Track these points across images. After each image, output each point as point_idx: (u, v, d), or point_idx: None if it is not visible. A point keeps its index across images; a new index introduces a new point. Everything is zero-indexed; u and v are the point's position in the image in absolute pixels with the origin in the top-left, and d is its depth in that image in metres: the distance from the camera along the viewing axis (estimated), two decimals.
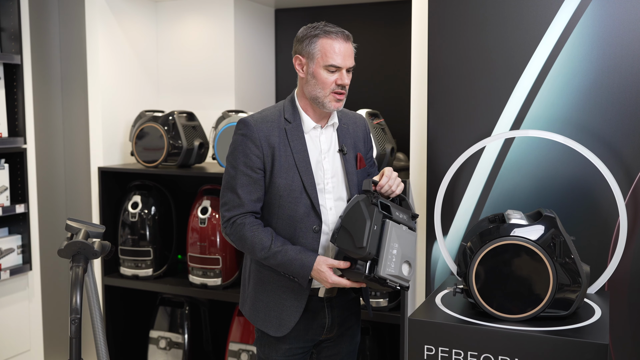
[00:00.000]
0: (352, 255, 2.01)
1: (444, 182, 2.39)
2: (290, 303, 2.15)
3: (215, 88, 3.76)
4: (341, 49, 2.08)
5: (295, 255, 2.06)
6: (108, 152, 3.56)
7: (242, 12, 3.74)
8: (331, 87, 2.09)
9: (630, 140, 2.33)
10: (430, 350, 1.98)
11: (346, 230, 2.01)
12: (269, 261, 2.08)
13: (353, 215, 2.02)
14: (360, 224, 2.00)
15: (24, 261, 3.39)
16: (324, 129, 2.20)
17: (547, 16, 2.41)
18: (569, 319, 1.98)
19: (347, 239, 2.01)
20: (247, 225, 2.09)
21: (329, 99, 2.10)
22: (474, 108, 2.55)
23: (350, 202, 2.06)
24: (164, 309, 3.54)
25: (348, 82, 2.11)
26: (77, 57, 3.86)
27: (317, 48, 2.08)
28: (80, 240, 1.86)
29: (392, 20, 3.65)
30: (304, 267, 2.05)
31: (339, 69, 2.09)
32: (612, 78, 2.35)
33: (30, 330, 3.46)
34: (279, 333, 2.16)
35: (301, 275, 2.06)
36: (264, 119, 2.15)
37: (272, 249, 2.06)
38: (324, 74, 2.08)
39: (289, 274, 2.10)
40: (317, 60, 2.08)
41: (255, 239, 2.08)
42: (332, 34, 2.08)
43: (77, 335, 1.78)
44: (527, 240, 1.95)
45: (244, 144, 2.12)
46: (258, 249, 2.07)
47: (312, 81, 2.11)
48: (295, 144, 2.13)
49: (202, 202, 3.28)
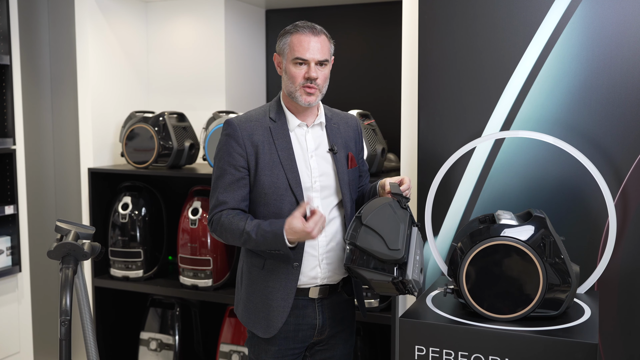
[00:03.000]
0: (379, 257, 1.98)
1: (435, 182, 2.40)
2: (277, 303, 2.14)
3: (205, 89, 3.76)
4: (309, 42, 2.09)
5: (267, 228, 2.04)
6: (98, 153, 3.55)
7: (232, 13, 3.73)
8: (300, 81, 2.10)
9: (620, 141, 2.34)
10: (421, 351, 1.98)
11: (373, 231, 1.99)
12: (250, 243, 2.08)
13: (382, 217, 2.01)
14: (394, 227, 2.00)
15: (13, 263, 3.37)
16: (310, 128, 2.20)
17: (537, 17, 2.42)
18: (559, 318, 1.99)
19: (375, 239, 1.99)
20: (224, 215, 2.11)
21: (299, 93, 2.12)
22: (464, 109, 2.56)
23: (374, 203, 2.05)
24: (155, 311, 3.53)
25: (317, 76, 2.10)
26: (67, 58, 3.84)
27: (287, 44, 2.12)
28: (70, 242, 1.85)
29: (382, 21, 3.65)
30: (277, 235, 2.02)
31: (306, 62, 2.10)
32: (601, 79, 2.36)
33: (20, 332, 3.44)
34: (267, 334, 2.16)
35: (280, 244, 2.03)
36: (248, 118, 2.18)
37: (246, 228, 2.06)
38: (292, 68, 2.11)
39: (272, 250, 2.07)
40: (287, 55, 2.12)
41: (233, 225, 2.08)
42: (300, 28, 2.11)
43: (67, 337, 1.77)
44: (517, 241, 1.96)
45: (227, 143, 2.14)
46: (237, 234, 2.08)
47: (285, 77, 2.15)
48: (280, 142, 2.15)
49: (193, 203, 3.28)
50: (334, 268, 2.20)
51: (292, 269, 2.13)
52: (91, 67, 3.48)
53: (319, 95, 2.14)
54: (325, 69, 2.14)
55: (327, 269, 2.19)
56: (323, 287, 2.20)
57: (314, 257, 2.16)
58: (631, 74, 2.32)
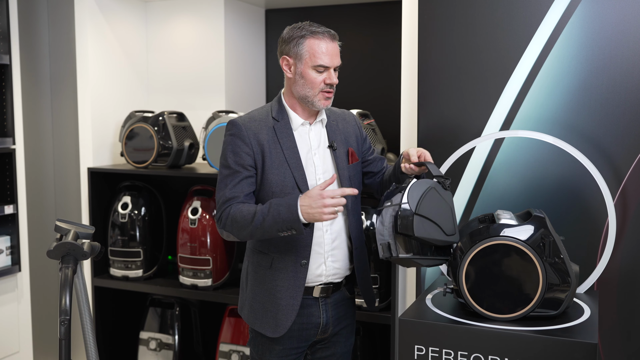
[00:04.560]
0: (438, 244, 2.00)
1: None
2: (286, 302, 2.14)
3: (205, 88, 3.76)
4: (329, 49, 2.10)
5: (280, 201, 2.01)
6: (98, 153, 3.55)
7: (232, 13, 3.73)
8: (320, 86, 2.11)
9: (619, 141, 2.34)
10: (421, 350, 1.98)
11: (426, 219, 1.97)
12: (263, 227, 2.01)
13: (432, 203, 2.00)
14: (446, 212, 2.03)
15: (12, 262, 3.37)
16: (312, 126, 2.22)
17: (536, 17, 2.42)
18: (558, 318, 1.99)
19: (431, 227, 1.98)
20: (233, 207, 2.08)
21: (318, 98, 2.12)
22: (464, 108, 2.56)
23: (416, 188, 2.00)
24: (154, 310, 3.52)
25: (336, 81, 2.13)
26: (67, 57, 3.84)
27: (304, 49, 2.10)
28: (69, 242, 1.85)
29: (382, 21, 3.65)
30: (290, 208, 1.98)
31: (327, 69, 2.11)
32: (601, 79, 2.36)
33: (20, 332, 3.44)
34: (276, 334, 2.16)
35: (294, 219, 1.98)
36: (252, 118, 2.17)
37: (257, 209, 2.02)
38: (312, 74, 2.10)
39: (285, 230, 2.00)
40: (305, 60, 2.10)
41: (243, 211, 2.04)
42: (319, 34, 2.10)
43: (66, 337, 1.77)
44: (516, 240, 1.96)
45: (233, 143, 2.13)
46: (248, 219, 2.02)
47: (301, 81, 2.12)
48: (284, 141, 2.15)
49: (193, 202, 3.28)
50: (339, 266, 2.21)
51: (300, 267, 2.13)
52: (91, 67, 3.48)
53: (332, 98, 2.17)
54: (337, 72, 2.17)
55: (332, 266, 2.19)
56: (326, 285, 2.20)
57: (319, 254, 2.17)
58: (631, 74, 2.32)
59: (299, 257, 2.13)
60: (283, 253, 2.14)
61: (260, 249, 2.19)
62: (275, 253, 2.15)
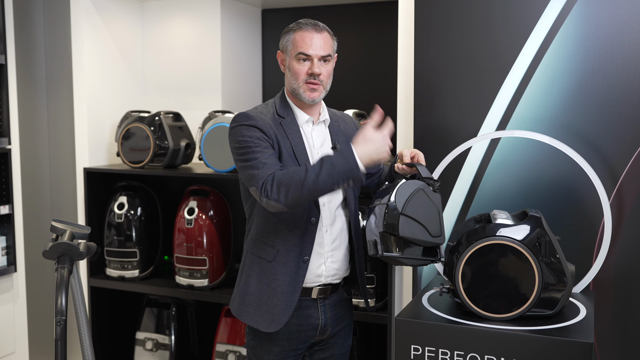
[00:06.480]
0: (423, 245, 2.03)
1: None
2: (284, 297, 2.12)
3: (201, 88, 3.75)
4: (312, 38, 2.10)
5: (334, 152, 1.97)
6: (94, 153, 3.54)
7: (228, 12, 3.73)
8: (303, 77, 2.11)
9: (615, 141, 2.35)
10: (417, 350, 1.99)
11: (411, 219, 2.00)
12: (321, 176, 1.91)
13: (419, 204, 2.02)
14: (433, 214, 2.04)
15: (8, 263, 3.36)
16: (316, 125, 2.21)
17: (532, 17, 2.42)
18: (554, 318, 2.00)
19: (416, 228, 2.01)
20: (277, 173, 1.99)
21: (303, 89, 2.12)
22: (460, 109, 2.56)
23: (404, 189, 2.03)
24: (151, 310, 3.52)
25: (320, 72, 2.10)
26: (63, 57, 3.83)
27: (290, 41, 2.13)
28: (65, 242, 1.84)
29: (378, 21, 3.65)
30: (345, 155, 1.92)
31: (310, 58, 2.10)
32: (597, 79, 2.36)
33: (15, 332, 3.43)
34: (270, 329, 2.14)
35: (351, 163, 1.92)
36: (259, 113, 2.15)
37: (308, 167, 1.94)
38: (295, 64, 2.11)
39: (342, 181, 1.93)
40: (290, 52, 2.13)
41: (294, 171, 1.96)
42: (303, 25, 2.12)
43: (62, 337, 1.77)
44: (512, 240, 1.96)
45: (251, 130, 2.07)
46: (301, 174, 1.93)
47: (289, 74, 2.15)
48: (293, 137, 2.14)
49: (189, 202, 3.27)
50: (338, 266, 2.21)
51: (302, 264, 2.13)
52: (87, 67, 3.47)
53: (322, 91, 2.14)
54: (329, 65, 2.14)
55: (332, 267, 2.19)
56: (325, 287, 2.20)
57: (320, 254, 2.17)
58: (626, 74, 2.32)
59: (302, 253, 2.13)
60: (289, 248, 2.12)
61: (265, 240, 2.16)
62: (281, 246, 2.13)
